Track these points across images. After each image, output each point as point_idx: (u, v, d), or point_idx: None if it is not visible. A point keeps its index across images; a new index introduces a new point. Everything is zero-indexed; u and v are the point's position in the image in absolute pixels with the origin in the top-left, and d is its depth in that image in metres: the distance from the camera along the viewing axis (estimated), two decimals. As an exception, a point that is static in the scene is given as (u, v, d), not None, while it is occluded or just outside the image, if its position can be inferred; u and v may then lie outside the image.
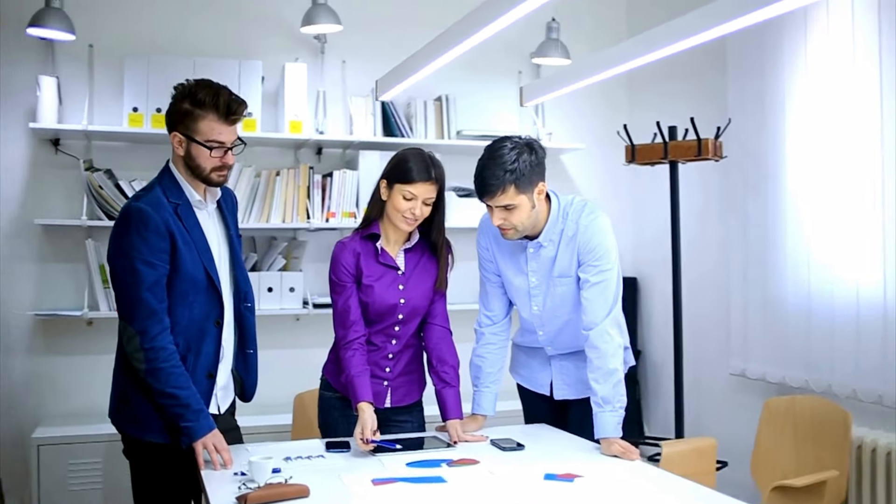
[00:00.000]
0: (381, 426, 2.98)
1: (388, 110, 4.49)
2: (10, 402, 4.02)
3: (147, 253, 2.50)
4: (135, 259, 2.49)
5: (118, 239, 2.54)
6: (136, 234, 2.50)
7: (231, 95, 2.59)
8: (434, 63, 3.12)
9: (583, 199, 2.90)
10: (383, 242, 2.92)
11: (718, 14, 2.38)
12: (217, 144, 2.57)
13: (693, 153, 3.77)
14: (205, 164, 2.59)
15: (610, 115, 4.90)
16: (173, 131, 2.59)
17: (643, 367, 4.96)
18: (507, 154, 2.69)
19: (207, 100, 2.54)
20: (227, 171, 2.65)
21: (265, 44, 4.44)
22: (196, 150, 2.57)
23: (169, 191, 2.61)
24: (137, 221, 2.51)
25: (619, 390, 2.74)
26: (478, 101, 4.78)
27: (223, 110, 2.55)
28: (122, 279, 2.54)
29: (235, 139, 2.63)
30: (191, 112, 2.55)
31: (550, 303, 2.91)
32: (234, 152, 2.63)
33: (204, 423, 2.54)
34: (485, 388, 3.03)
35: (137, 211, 2.52)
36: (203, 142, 2.56)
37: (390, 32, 4.55)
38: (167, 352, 2.52)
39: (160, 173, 2.69)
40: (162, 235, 2.52)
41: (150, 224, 2.51)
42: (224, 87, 2.61)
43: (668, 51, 2.66)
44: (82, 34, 4.10)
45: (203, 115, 2.55)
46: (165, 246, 2.53)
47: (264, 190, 4.28)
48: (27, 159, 4.12)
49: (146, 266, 2.50)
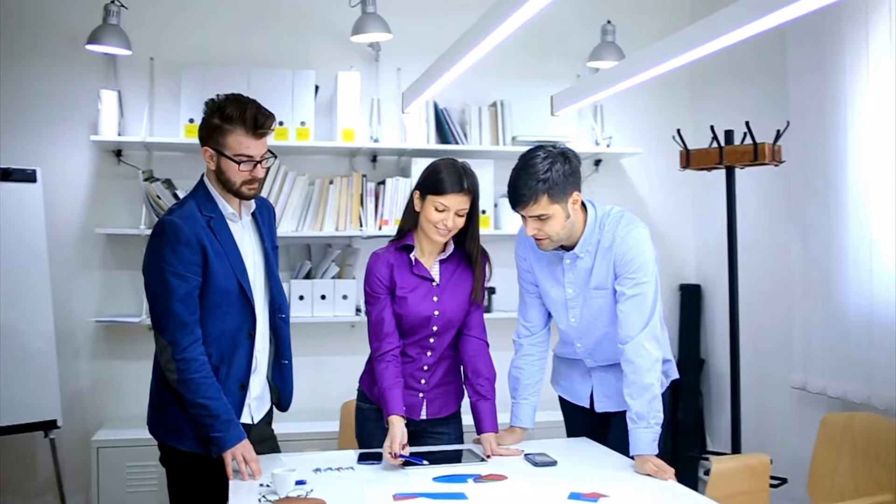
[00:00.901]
0: (417, 438, 2.98)
1: (442, 117, 4.48)
2: (75, 405, 4.17)
3: (179, 266, 2.55)
4: (166, 271, 2.54)
5: (151, 251, 2.60)
6: (168, 247, 2.55)
7: (259, 109, 2.61)
8: (456, 68, 3.07)
9: (620, 210, 2.83)
10: (418, 253, 2.91)
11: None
12: (245, 158, 2.59)
13: (749, 158, 3.63)
14: (234, 178, 2.62)
15: (672, 118, 4.76)
16: (204, 146, 2.64)
17: (707, 378, 4.82)
18: (540, 163, 2.65)
19: (235, 114, 2.57)
20: (258, 184, 2.67)
21: (321, 53, 4.48)
22: (226, 164, 2.61)
23: (203, 204, 2.66)
24: (169, 235, 2.55)
25: (654, 406, 2.66)
26: (534, 107, 4.70)
27: (250, 124, 2.58)
28: (154, 291, 2.59)
29: (265, 152, 2.65)
30: (220, 127, 2.59)
31: (587, 315, 2.85)
32: (263, 165, 2.65)
33: (233, 434, 2.58)
34: (523, 400, 2.98)
35: (170, 224, 2.57)
36: (232, 156, 2.59)
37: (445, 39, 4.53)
38: (198, 363, 2.56)
39: (195, 187, 2.73)
40: (193, 248, 2.56)
41: (182, 237, 2.55)
42: (252, 101, 2.63)
43: (701, 51, 2.55)
44: (143, 47, 4.24)
45: (231, 129, 2.58)
46: (197, 259, 2.57)
47: (318, 198, 4.32)
48: (92, 170, 4.26)
49: (178, 278, 2.54)
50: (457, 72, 3.12)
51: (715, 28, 2.38)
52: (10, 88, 4.16)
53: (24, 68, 4.18)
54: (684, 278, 4.90)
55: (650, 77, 2.92)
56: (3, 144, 4.12)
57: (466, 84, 4.61)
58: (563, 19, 4.74)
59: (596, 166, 4.79)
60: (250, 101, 2.63)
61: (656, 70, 2.82)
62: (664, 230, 4.88)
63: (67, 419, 4.02)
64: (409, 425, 2.94)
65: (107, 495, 3.92)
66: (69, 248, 4.18)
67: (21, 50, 4.18)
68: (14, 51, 4.17)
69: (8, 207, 3.84)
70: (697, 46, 2.52)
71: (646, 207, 4.87)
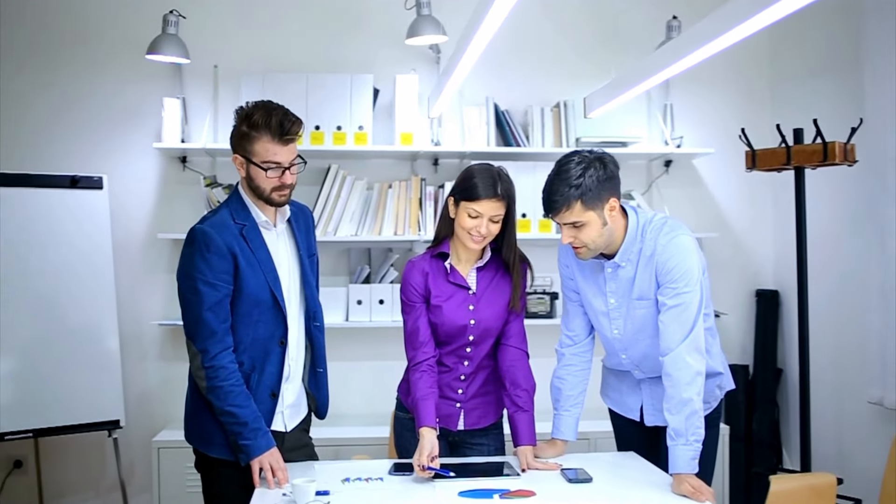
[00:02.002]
0: (456, 449, 2.93)
1: (503, 119, 4.40)
2: (140, 406, 4.27)
3: (209, 274, 2.56)
4: (197, 280, 2.56)
5: (183, 260, 2.62)
6: (199, 255, 2.56)
7: (286, 115, 2.58)
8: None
9: (664, 217, 2.70)
10: (454, 261, 2.85)
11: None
12: (273, 165, 2.58)
13: (819, 158, 3.43)
14: (264, 185, 2.61)
15: (748, 117, 4.54)
16: (234, 154, 2.64)
17: (784, 389, 4.58)
18: (574, 169, 2.55)
19: (261, 121, 2.55)
20: (289, 190, 2.66)
21: (382, 57, 4.46)
22: (254, 171, 2.60)
23: (236, 212, 2.66)
24: (200, 243, 2.57)
25: (693, 422, 2.51)
26: (601, 107, 4.58)
27: (276, 130, 2.55)
28: (186, 298, 2.61)
29: (294, 158, 2.63)
30: (247, 134, 2.58)
31: (631, 326, 2.73)
32: (292, 171, 2.63)
33: (261, 442, 2.57)
34: (564, 412, 2.88)
35: (201, 233, 2.58)
36: (260, 163, 2.58)
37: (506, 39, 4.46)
38: (227, 371, 2.57)
39: (230, 195, 2.74)
40: (224, 257, 2.57)
41: (213, 246, 2.56)
42: (280, 107, 2.61)
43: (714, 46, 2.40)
44: (208, 55, 4.31)
45: (258, 136, 2.57)
46: (228, 267, 2.58)
47: (377, 202, 4.31)
48: (157, 177, 4.36)
49: (208, 287, 2.56)
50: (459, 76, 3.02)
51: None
52: (78, 98, 4.30)
53: (92, 78, 4.31)
54: (761, 284, 4.67)
55: (685, 68, 2.78)
56: (72, 153, 4.27)
57: (529, 85, 4.54)
58: (629, 16, 4.60)
59: (666, 167, 4.62)
60: (277, 107, 2.61)
61: (690, 60, 2.68)
62: (740, 233, 4.68)
63: (131, 420, 4.13)
64: (448, 436, 2.90)
65: (168, 496, 4.00)
66: (134, 252, 4.29)
67: (88, 60, 4.31)
68: (81, 62, 4.31)
69: (76, 214, 3.97)
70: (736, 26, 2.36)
71: (720, 210, 4.67)
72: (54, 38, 4.30)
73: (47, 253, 3.87)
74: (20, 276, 3.81)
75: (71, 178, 3.97)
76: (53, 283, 3.87)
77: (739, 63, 4.64)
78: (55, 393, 3.82)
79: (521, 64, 4.55)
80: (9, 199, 3.83)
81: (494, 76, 4.51)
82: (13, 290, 3.78)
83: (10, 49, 4.27)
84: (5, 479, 4.25)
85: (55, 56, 4.30)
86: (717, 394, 2.84)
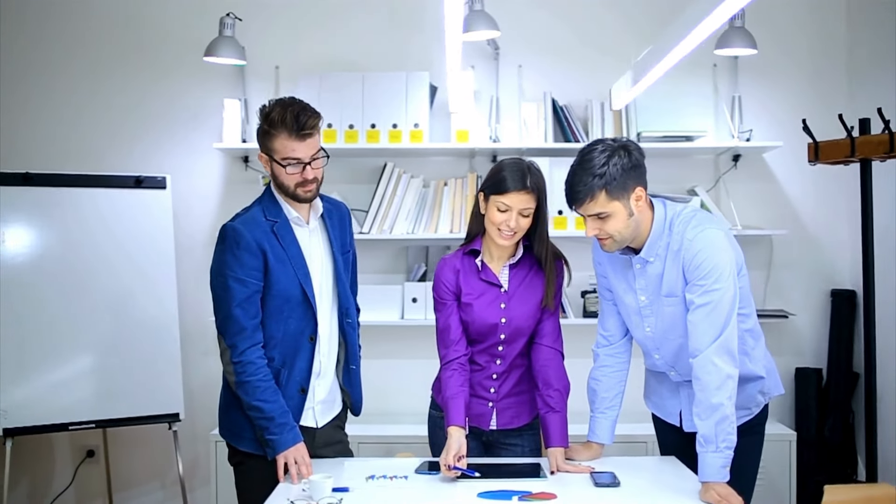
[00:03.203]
0: (490, 449, 2.89)
1: (561, 114, 4.32)
2: (200, 400, 4.36)
3: (239, 270, 2.58)
4: (228, 276, 2.59)
5: (215, 257, 2.65)
6: (229, 252, 2.59)
7: (303, 109, 2.57)
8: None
9: (694, 209, 2.59)
10: (486, 258, 2.81)
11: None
12: (293, 161, 2.58)
13: (885, 149, 3.23)
14: (287, 182, 2.62)
15: (823, 108, 4.31)
16: (260, 152, 2.66)
17: (860, 394, 4.33)
18: (597, 157, 2.46)
19: (277, 118, 2.55)
20: (313, 185, 2.64)
21: (440, 54, 4.43)
22: (277, 168, 2.61)
23: (268, 209, 2.68)
24: (230, 240, 2.60)
25: (723, 428, 2.39)
26: (663, 101, 4.44)
27: (291, 126, 2.54)
28: (217, 294, 2.65)
29: (315, 153, 2.61)
30: (267, 132, 2.59)
31: (661, 324, 2.62)
32: (314, 166, 2.61)
33: (287, 437, 2.59)
34: (600, 414, 2.80)
35: (231, 230, 2.61)
36: (280, 160, 2.59)
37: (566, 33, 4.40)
38: (255, 366, 2.60)
39: (263, 192, 2.76)
40: (254, 253, 2.59)
41: (243, 242, 2.58)
42: (297, 102, 2.60)
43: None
44: (269, 56, 4.39)
45: (276, 133, 2.57)
46: (258, 263, 2.60)
47: (433, 200, 4.30)
48: (220, 176, 4.47)
49: (238, 283, 2.58)
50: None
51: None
52: (143, 101, 4.45)
53: (156, 81, 4.45)
54: (838, 283, 4.44)
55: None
56: (136, 153, 4.41)
57: (589, 79, 4.45)
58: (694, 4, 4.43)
59: (734, 162, 4.44)
60: (295, 102, 2.60)
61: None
62: (815, 230, 4.47)
63: (192, 413, 4.23)
64: (481, 435, 2.87)
65: (226, 489, 4.05)
66: (196, 250, 4.39)
67: (153, 64, 4.45)
68: (146, 65, 4.45)
69: (139, 212, 4.10)
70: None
71: (792, 206, 4.46)
72: (121, 43, 4.46)
73: (113, 251, 4.02)
74: (88, 274, 3.96)
75: (135, 178, 4.10)
76: (118, 281, 4.01)
77: (814, 51, 4.44)
78: (120, 386, 3.97)
79: (582, 58, 4.46)
80: (77, 199, 3.99)
81: (555, 71, 4.44)
82: (82, 288, 3.95)
83: (79, 55, 4.46)
84: (78, 467, 4.44)
85: (121, 60, 4.46)
86: (758, 399, 2.70)
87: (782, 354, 4.44)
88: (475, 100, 4.41)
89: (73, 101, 4.46)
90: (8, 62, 4.45)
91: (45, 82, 4.46)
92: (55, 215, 3.95)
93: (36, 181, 3.93)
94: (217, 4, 4.19)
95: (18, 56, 4.46)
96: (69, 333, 3.90)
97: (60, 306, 3.90)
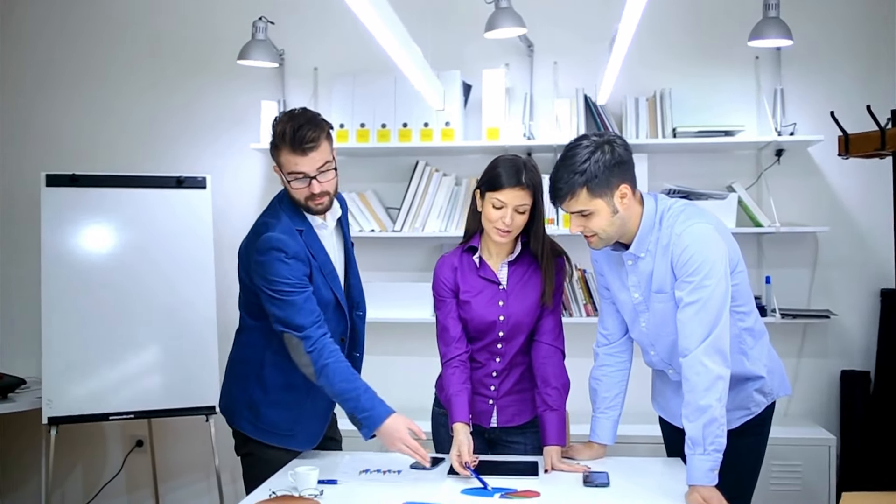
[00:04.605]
0: (490, 447, 2.89)
1: (594, 110, 4.27)
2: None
3: (293, 278, 2.57)
4: (282, 283, 2.56)
5: (263, 268, 2.59)
6: (279, 261, 2.56)
7: (304, 124, 2.53)
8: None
9: (684, 204, 2.53)
10: (485, 255, 2.81)
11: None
12: (298, 175, 2.56)
13: (914, 142, 3.09)
14: (296, 196, 2.62)
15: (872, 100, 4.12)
16: (274, 164, 2.66)
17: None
18: (580, 154, 2.43)
19: (279, 132, 2.55)
20: (324, 198, 2.62)
21: (473, 52, 4.44)
22: (285, 182, 2.62)
23: (292, 218, 2.67)
24: (278, 252, 2.57)
25: (711, 430, 2.33)
26: (701, 95, 4.34)
27: (291, 141, 2.52)
28: (274, 300, 2.58)
29: (321, 165, 2.57)
30: (275, 146, 2.59)
31: (653, 320, 2.58)
32: (320, 180, 2.58)
33: (381, 410, 2.57)
34: (601, 414, 2.78)
35: (278, 241, 2.58)
36: (286, 174, 2.59)
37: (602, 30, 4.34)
38: (331, 347, 2.58)
39: (280, 200, 2.72)
40: (303, 261, 2.61)
41: (291, 251, 2.58)
42: (300, 114, 2.58)
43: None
44: (308, 58, 4.49)
45: (281, 148, 2.56)
46: (307, 270, 2.62)
47: (465, 198, 4.31)
48: (260, 176, 4.59)
49: (295, 287, 2.57)
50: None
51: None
52: (184, 103, 4.60)
53: (198, 84, 4.60)
54: (887, 282, 4.25)
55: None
56: (178, 154, 4.57)
57: (625, 74, 4.36)
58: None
59: (777, 157, 4.30)
60: (298, 115, 2.58)
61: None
62: (862, 227, 4.29)
63: (229, 406, 4.35)
64: (483, 433, 2.87)
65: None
66: (235, 248, 4.40)
67: (194, 67, 4.60)
68: (188, 68, 4.60)
69: (180, 212, 4.24)
70: None
71: (839, 202, 4.30)
72: (164, 48, 4.63)
73: (155, 249, 4.16)
74: (131, 271, 4.11)
75: (177, 178, 4.25)
76: (160, 277, 4.15)
77: (862, 40, 4.26)
78: (158, 378, 4.12)
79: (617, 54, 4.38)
80: (121, 199, 4.15)
81: (590, 67, 4.38)
82: (125, 284, 4.10)
83: (122, 60, 4.65)
84: (127, 456, 4.63)
85: (164, 64, 4.63)
86: (758, 399, 2.62)
87: (828, 356, 4.30)
88: (510, 97, 4.40)
89: (117, 103, 4.65)
90: (55, 68, 4.68)
91: (90, 87, 4.66)
92: (100, 215, 4.12)
93: (82, 182, 4.12)
94: (257, 7, 4.28)
95: (65, 62, 4.68)
96: (112, 328, 4.06)
97: (104, 302, 4.06)
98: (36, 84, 4.70)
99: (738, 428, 2.59)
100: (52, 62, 4.69)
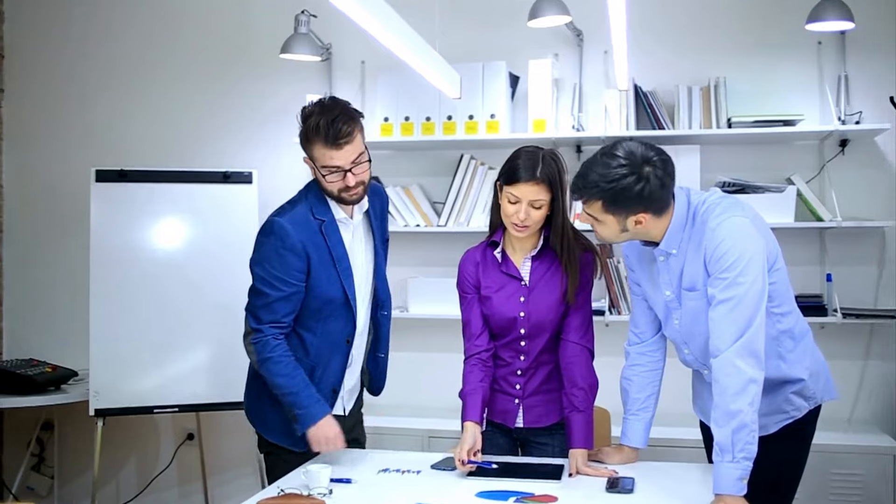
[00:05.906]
0: (521, 447, 2.81)
1: (644, 101, 4.11)
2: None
3: (282, 270, 2.56)
4: (269, 271, 2.57)
5: (259, 248, 2.62)
6: (273, 249, 2.56)
7: (338, 117, 2.49)
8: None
9: (721, 196, 2.38)
10: (508, 250, 2.72)
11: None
12: (333, 169, 2.53)
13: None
14: (329, 188, 2.59)
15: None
16: (304, 156, 2.62)
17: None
18: (614, 169, 2.26)
19: (313, 126, 2.50)
20: (358, 189, 2.58)
21: (523, 42, 4.33)
22: (318, 174, 2.59)
23: (315, 207, 2.63)
24: (277, 238, 2.56)
25: (741, 437, 2.19)
26: (762, 83, 4.14)
27: (325, 136, 2.48)
28: (257, 286, 2.62)
29: (357, 157, 2.54)
30: (307, 138, 2.55)
31: (686, 318, 2.45)
32: (354, 172, 2.54)
33: (316, 409, 2.58)
34: (632, 416, 2.66)
35: (279, 227, 2.57)
36: (319, 168, 2.55)
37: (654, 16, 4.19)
38: (274, 342, 2.59)
39: (308, 188, 2.70)
40: (299, 255, 2.57)
41: (288, 243, 2.55)
42: (334, 107, 2.52)
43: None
44: (356, 52, 4.46)
45: (314, 142, 2.52)
46: (301, 265, 2.58)
47: (510, 192, 4.20)
48: (305, 170, 4.53)
49: (279, 281, 2.57)
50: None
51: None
52: (231, 97, 4.62)
53: (244, 78, 4.61)
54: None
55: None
56: (224, 149, 4.59)
57: (677, 63, 4.21)
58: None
59: (842, 148, 4.07)
60: (331, 108, 2.52)
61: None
62: (934, 222, 4.03)
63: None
64: (510, 433, 2.79)
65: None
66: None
67: (241, 62, 4.61)
68: (234, 63, 4.62)
69: (227, 206, 4.24)
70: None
71: (908, 194, 4.05)
72: (209, 42, 4.66)
73: (202, 243, 4.18)
74: (179, 265, 4.14)
75: (223, 173, 4.26)
76: (207, 271, 4.15)
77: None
78: (201, 373, 4.13)
79: (670, 42, 4.23)
80: (168, 193, 4.18)
81: (644, 56, 4.22)
82: (172, 278, 4.12)
83: (169, 56, 4.70)
84: (177, 449, 4.68)
85: (210, 59, 4.66)
86: (797, 402, 2.46)
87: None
88: (559, 88, 4.28)
89: (164, 100, 4.70)
90: (103, 65, 4.76)
91: (137, 84, 4.73)
92: (147, 210, 4.16)
93: (130, 177, 4.16)
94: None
95: (112, 59, 4.76)
96: (158, 322, 4.09)
97: (151, 295, 4.10)
98: (85, 81, 4.79)
99: (776, 433, 2.45)
100: (101, 59, 4.77)
